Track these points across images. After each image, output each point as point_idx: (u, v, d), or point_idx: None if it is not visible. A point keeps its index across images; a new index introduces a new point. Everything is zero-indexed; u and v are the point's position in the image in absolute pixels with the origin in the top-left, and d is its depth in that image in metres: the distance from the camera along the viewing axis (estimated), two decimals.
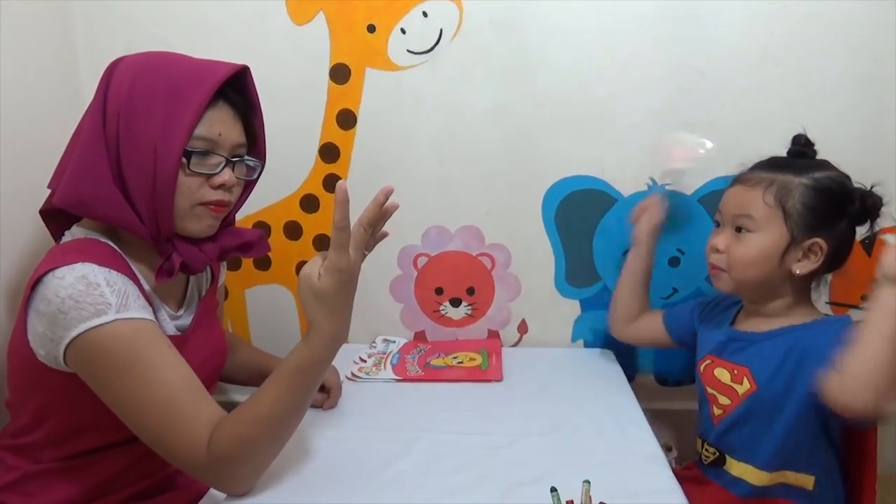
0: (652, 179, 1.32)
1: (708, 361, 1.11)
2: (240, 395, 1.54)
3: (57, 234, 0.94)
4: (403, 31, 1.28)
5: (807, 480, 1.00)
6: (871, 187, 1.00)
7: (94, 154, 0.85)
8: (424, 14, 1.27)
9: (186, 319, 1.01)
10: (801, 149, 1.06)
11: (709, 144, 1.22)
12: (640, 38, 1.25)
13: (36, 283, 0.82)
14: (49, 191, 0.93)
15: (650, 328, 1.28)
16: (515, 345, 1.48)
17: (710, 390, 1.10)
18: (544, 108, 1.30)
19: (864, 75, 1.25)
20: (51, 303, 0.80)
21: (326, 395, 1.15)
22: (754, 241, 1.00)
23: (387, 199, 0.87)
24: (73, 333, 0.79)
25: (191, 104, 0.84)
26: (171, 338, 0.89)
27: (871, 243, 1.33)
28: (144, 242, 0.90)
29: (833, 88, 1.26)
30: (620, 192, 1.34)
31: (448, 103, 1.31)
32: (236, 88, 0.91)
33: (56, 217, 0.93)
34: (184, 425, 0.82)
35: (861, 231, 1.17)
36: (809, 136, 1.27)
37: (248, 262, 1.45)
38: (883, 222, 1.02)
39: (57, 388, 0.87)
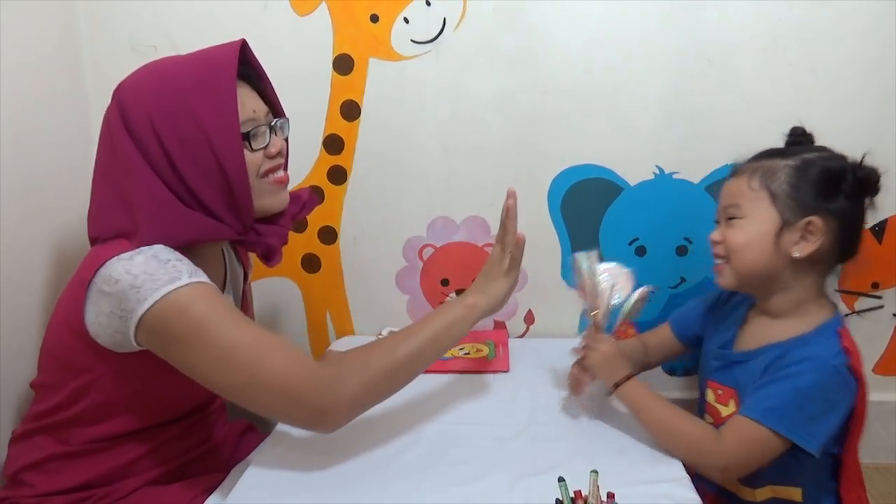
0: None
1: (704, 376, 1.09)
2: None
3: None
4: (407, 21, 1.27)
5: (794, 493, 0.97)
6: (862, 160, 0.94)
7: (151, 187, 0.86)
8: (428, 3, 1.26)
9: None
10: (797, 139, 1.02)
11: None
12: (646, 25, 1.24)
13: (97, 266, 0.84)
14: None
15: (663, 345, 1.21)
16: (522, 336, 1.48)
17: (707, 400, 1.07)
18: (549, 97, 1.29)
19: (874, 60, 1.23)
20: (119, 281, 0.82)
21: None
22: (742, 225, 0.97)
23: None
24: (150, 303, 0.81)
25: (224, 94, 0.86)
26: None
27: (881, 230, 1.32)
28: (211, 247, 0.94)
29: (842, 74, 1.24)
30: (627, 180, 1.33)
31: (452, 93, 1.30)
32: (241, 63, 0.92)
33: None
34: (280, 350, 0.84)
35: (869, 218, 1.18)
36: (818, 122, 1.26)
37: (253, 255, 1.44)
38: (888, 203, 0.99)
39: (104, 370, 0.89)
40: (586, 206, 1.36)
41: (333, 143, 1.35)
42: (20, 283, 1.10)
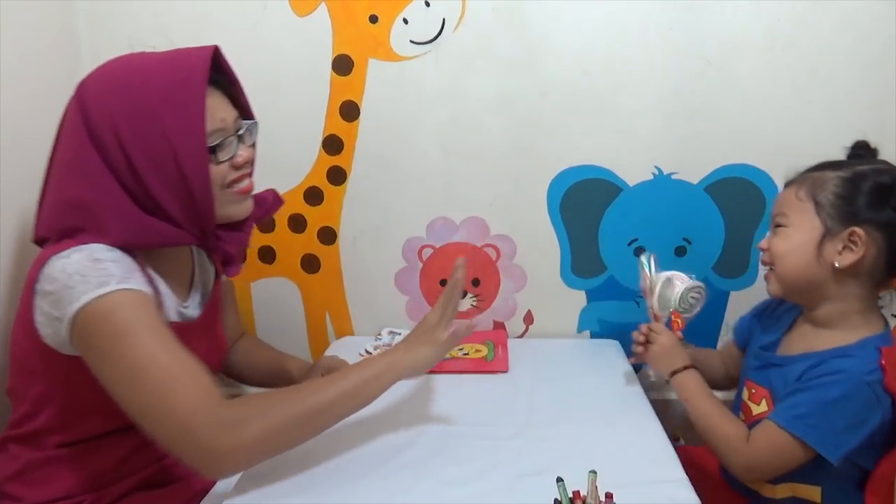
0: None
1: (744, 375, 1.10)
2: (248, 387, 1.55)
3: None
4: (406, 22, 1.27)
5: (813, 492, 0.98)
6: None
7: (111, 192, 0.84)
8: (427, 3, 1.26)
9: (193, 311, 1.01)
10: (858, 152, 1.02)
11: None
12: (646, 25, 1.24)
13: (42, 265, 0.83)
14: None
15: (731, 356, 1.22)
16: (521, 336, 1.48)
17: (742, 397, 1.09)
18: (549, 97, 1.29)
19: (872, 60, 1.23)
20: (56, 280, 0.81)
21: None
22: (787, 233, 0.99)
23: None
24: (78, 306, 0.79)
25: (193, 106, 0.85)
26: (173, 325, 0.90)
27: None
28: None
29: (840, 74, 1.24)
30: (626, 181, 1.33)
31: (451, 93, 1.30)
32: (212, 68, 0.90)
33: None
34: (190, 380, 0.79)
35: None
36: (817, 122, 1.27)
37: (252, 256, 1.45)
38: None
39: (57, 373, 0.88)
40: (585, 206, 1.36)
41: (333, 144, 1.35)
42: (19, 276, 1.10)
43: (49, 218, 0.89)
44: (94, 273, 0.80)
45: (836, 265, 0.94)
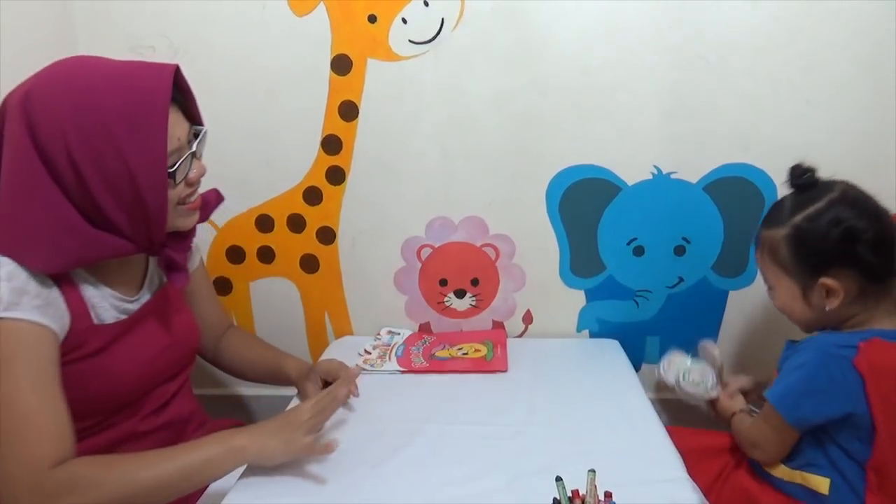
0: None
1: None
2: (244, 388, 1.55)
3: None
4: (405, 21, 1.27)
5: (821, 483, 0.99)
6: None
7: (58, 210, 0.82)
8: (426, 3, 1.25)
9: (138, 305, 0.99)
10: (797, 181, 1.04)
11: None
12: (644, 24, 1.24)
13: None
14: None
15: None
16: (521, 335, 1.48)
17: None
18: (547, 97, 1.29)
19: (869, 59, 1.23)
20: None
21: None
22: (776, 294, 1.06)
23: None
24: None
25: (154, 131, 0.83)
26: (114, 324, 0.91)
27: None
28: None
29: (838, 73, 1.24)
30: (625, 180, 1.33)
31: (450, 93, 1.30)
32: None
33: None
34: (35, 435, 0.78)
35: None
36: (815, 120, 1.27)
37: (251, 256, 1.45)
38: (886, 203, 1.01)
39: None
40: (584, 206, 1.36)
41: (332, 144, 1.35)
42: None
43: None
44: None
45: (828, 309, 0.99)
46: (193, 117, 0.95)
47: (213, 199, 1.03)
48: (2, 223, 0.83)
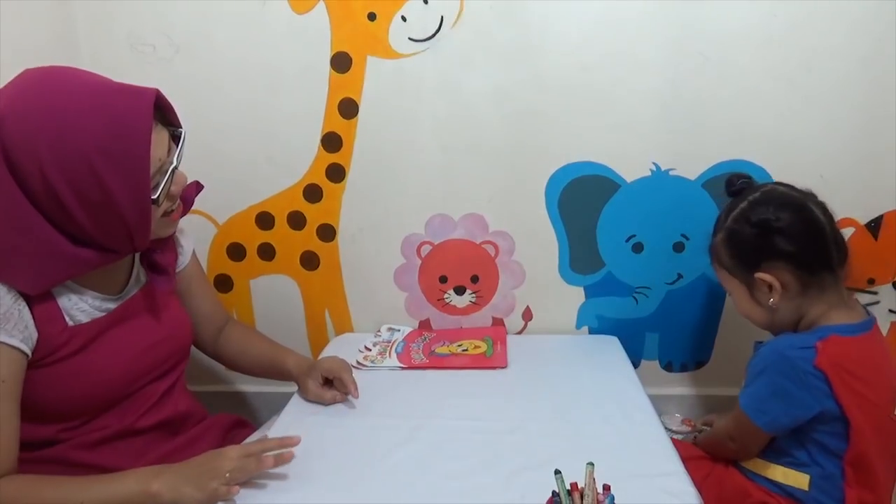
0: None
1: None
2: (245, 384, 1.56)
3: None
4: (404, 19, 1.27)
5: (801, 479, 1.01)
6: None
7: (40, 234, 0.82)
8: (425, 1, 1.26)
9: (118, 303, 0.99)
10: (731, 189, 1.13)
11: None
12: (642, 21, 1.24)
13: None
14: None
15: None
16: (520, 332, 1.48)
17: None
18: (546, 94, 1.29)
19: (867, 55, 1.23)
20: None
21: (332, 389, 1.15)
22: (734, 299, 1.13)
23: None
24: None
25: (136, 163, 0.82)
26: (90, 323, 0.92)
27: (877, 226, 1.33)
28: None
29: (836, 69, 1.24)
30: (624, 177, 1.34)
31: (450, 90, 1.31)
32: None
33: None
34: None
35: (865, 215, 1.29)
36: (813, 116, 1.27)
37: (252, 253, 1.45)
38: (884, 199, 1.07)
39: None
40: (584, 202, 1.36)
41: (332, 141, 1.35)
42: None
43: None
44: None
45: (772, 304, 1.04)
46: (171, 122, 0.93)
47: (192, 193, 1.04)
48: None
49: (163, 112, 0.91)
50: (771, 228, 1.01)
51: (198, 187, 1.06)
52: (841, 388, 0.96)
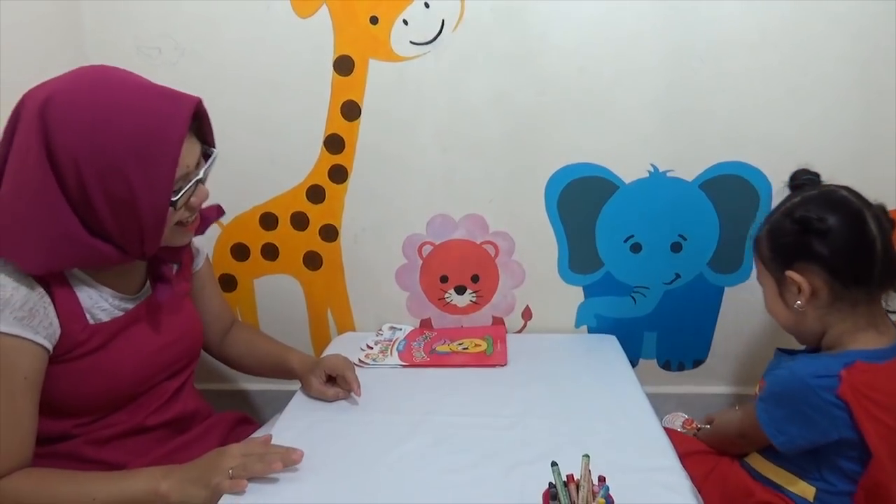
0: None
1: None
2: (249, 383, 1.58)
3: None
4: (406, 23, 1.29)
5: (807, 490, 1.00)
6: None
7: (60, 215, 0.84)
8: (426, 5, 1.28)
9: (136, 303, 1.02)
10: (794, 183, 1.07)
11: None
12: (640, 25, 1.26)
13: None
14: None
15: None
16: (520, 331, 1.50)
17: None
18: (546, 96, 1.31)
19: (862, 59, 1.25)
20: None
21: (335, 387, 1.16)
22: (764, 295, 1.08)
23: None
24: None
25: (164, 165, 0.85)
26: (111, 322, 0.94)
27: None
28: None
29: (831, 73, 1.26)
30: (622, 178, 1.35)
31: (451, 93, 1.32)
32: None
33: None
34: None
35: None
36: (810, 120, 1.28)
37: (256, 253, 1.47)
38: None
39: None
40: (582, 203, 1.38)
41: (334, 143, 1.37)
42: None
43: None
44: None
45: (798, 307, 0.99)
46: (207, 140, 0.96)
47: (212, 215, 1.06)
48: (1, 220, 0.85)
49: (201, 126, 0.94)
50: (811, 228, 0.95)
51: (219, 211, 1.08)
52: (863, 418, 0.91)
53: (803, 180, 1.05)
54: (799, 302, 0.99)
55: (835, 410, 0.92)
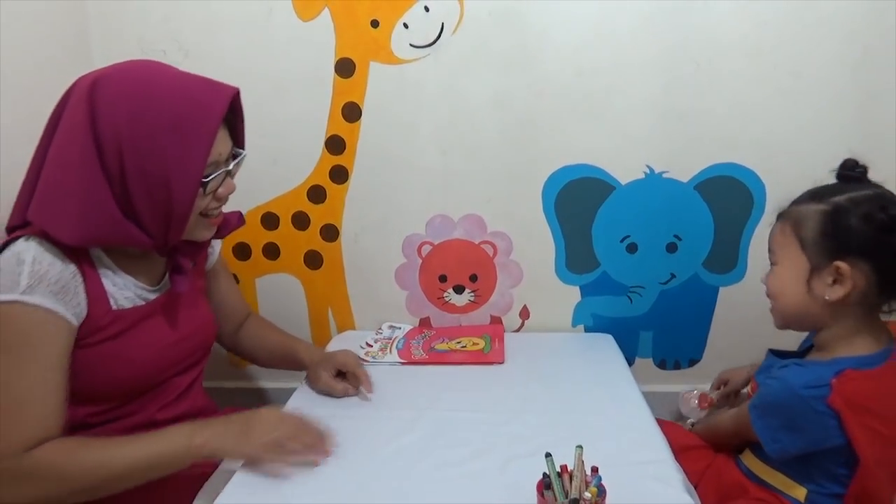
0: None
1: None
2: (266, 381, 1.60)
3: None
4: (406, 26, 1.31)
5: (798, 492, 1.01)
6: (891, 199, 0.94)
7: (97, 189, 0.87)
8: (426, 9, 1.30)
9: (157, 294, 1.04)
10: (844, 172, 1.01)
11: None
12: (637, 28, 1.28)
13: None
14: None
15: None
16: (517, 330, 1.52)
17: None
18: (543, 98, 1.33)
19: (856, 62, 1.27)
20: None
21: (345, 382, 1.18)
22: (778, 272, 1.02)
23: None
24: None
25: (200, 144, 0.89)
26: (132, 309, 0.97)
27: None
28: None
29: (826, 76, 1.28)
30: (618, 179, 1.37)
31: (450, 95, 1.34)
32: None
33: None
34: (16, 420, 0.84)
35: None
36: (803, 123, 1.30)
37: (257, 253, 1.49)
38: None
39: None
40: (579, 204, 1.40)
41: (335, 144, 1.39)
42: None
43: (37, 204, 0.90)
44: (7, 275, 0.85)
45: (827, 298, 0.95)
46: (238, 140, 1.00)
47: (234, 221, 1.09)
48: (44, 190, 0.89)
49: (235, 122, 0.98)
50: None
51: (240, 219, 1.11)
52: (853, 425, 0.92)
53: (857, 173, 1.00)
54: (829, 294, 0.95)
55: (826, 419, 0.93)
